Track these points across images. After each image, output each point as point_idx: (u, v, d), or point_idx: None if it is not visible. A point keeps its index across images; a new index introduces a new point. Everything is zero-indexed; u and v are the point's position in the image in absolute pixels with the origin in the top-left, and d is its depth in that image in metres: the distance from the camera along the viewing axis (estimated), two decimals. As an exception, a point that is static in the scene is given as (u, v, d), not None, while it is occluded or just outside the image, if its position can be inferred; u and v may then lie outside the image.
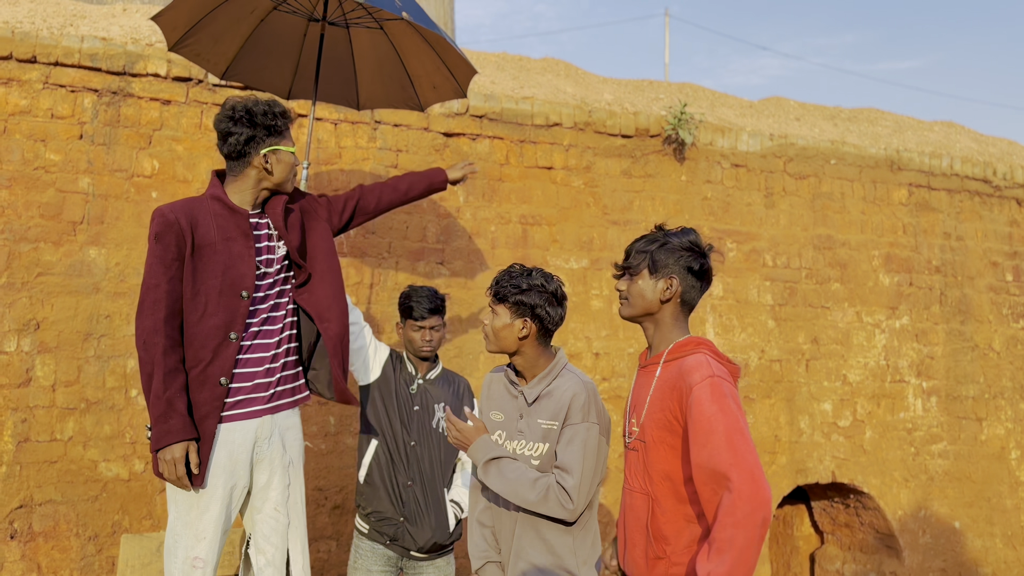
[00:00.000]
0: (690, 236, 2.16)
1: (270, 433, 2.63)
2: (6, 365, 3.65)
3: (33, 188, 3.76)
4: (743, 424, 1.91)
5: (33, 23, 3.98)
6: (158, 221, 2.51)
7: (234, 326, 2.53)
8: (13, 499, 3.62)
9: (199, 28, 3.15)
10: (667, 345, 2.14)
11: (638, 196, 4.97)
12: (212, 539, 2.51)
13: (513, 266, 2.51)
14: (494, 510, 2.53)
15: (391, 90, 3.61)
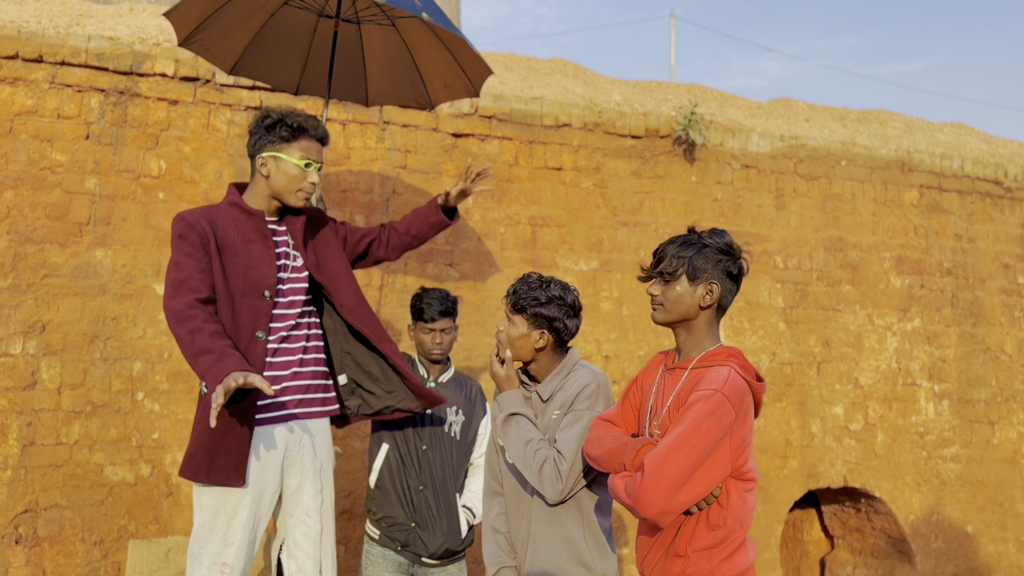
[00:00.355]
0: (725, 239, 2.11)
1: (300, 437, 2.60)
2: (11, 367, 3.61)
3: (39, 189, 3.72)
4: (700, 442, 1.90)
5: (39, 22, 3.94)
6: (180, 224, 2.51)
7: (259, 325, 2.53)
8: (18, 503, 3.57)
9: (209, 23, 3.12)
10: (698, 351, 2.10)
11: (648, 197, 4.93)
12: (240, 544, 2.46)
13: (530, 275, 2.49)
14: (509, 513, 2.49)
15: (401, 87, 3.57)
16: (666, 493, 1.88)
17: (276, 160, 2.58)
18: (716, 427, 1.91)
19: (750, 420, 2.02)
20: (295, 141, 2.59)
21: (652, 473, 1.89)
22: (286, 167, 2.58)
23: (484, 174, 3.10)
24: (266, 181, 2.60)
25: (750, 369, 2.06)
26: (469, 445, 3.23)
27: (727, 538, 1.99)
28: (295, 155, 2.58)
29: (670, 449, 1.90)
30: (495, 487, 2.61)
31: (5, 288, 3.62)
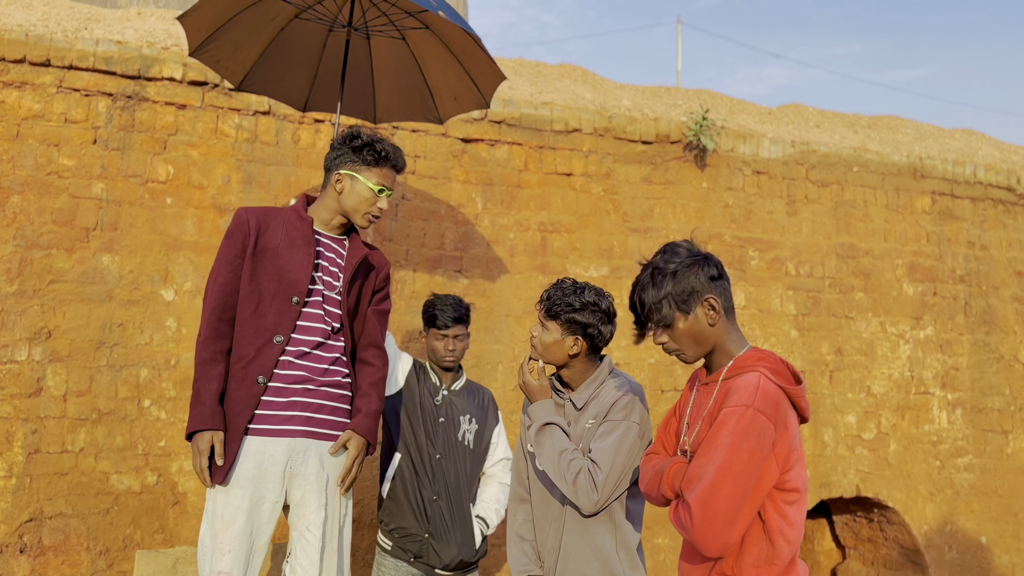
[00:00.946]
0: (682, 248, 1.99)
1: (304, 449, 2.57)
2: (17, 374, 3.57)
3: (46, 193, 3.68)
4: (743, 468, 1.79)
5: (47, 26, 3.91)
6: (233, 220, 2.64)
7: (281, 330, 2.56)
8: (23, 512, 3.53)
9: (220, 33, 3.09)
10: (727, 360, 1.99)
11: (659, 203, 4.88)
12: (237, 553, 2.44)
13: (564, 281, 2.47)
14: (537, 522, 2.46)
15: (409, 103, 3.55)
16: (724, 531, 1.78)
17: (352, 179, 2.65)
18: (757, 447, 1.80)
19: (792, 427, 1.88)
20: (376, 167, 2.66)
21: (702, 514, 1.78)
22: (360, 188, 2.65)
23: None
24: (338, 196, 2.67)
25: (783, 372, 1.92)
26: (482, 454, 3.18)
27: (772, 556, 1.87)
28: (372, 179, 2.66)
29: (715, 483, 1.79)
30: (522, 494, 2.57)
31: (11, 294, 3.59)
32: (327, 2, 3.15)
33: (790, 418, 1.89)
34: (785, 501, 1.87)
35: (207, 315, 2.54)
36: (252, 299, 2.56)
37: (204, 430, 2.44)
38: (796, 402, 1.93)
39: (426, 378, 3.14)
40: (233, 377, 2.52)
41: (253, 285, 2.57)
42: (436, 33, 3.17)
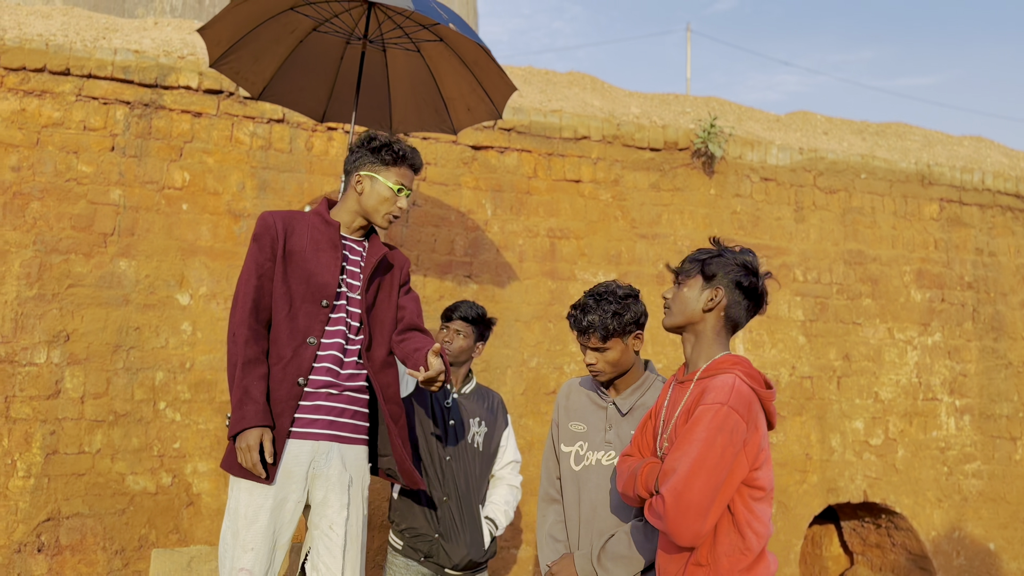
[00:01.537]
0: (747, 256, 2.15)
1: (327, 451, 2.62)
2: (36, 376, 3.65)
3: (65, 200, 3.76)
4: (716, 462, 1.90)
5: (67, 36, 4.00)
6: (259, 224, 2.67)
7: (312, 331, 2.61)
8: (41, 512, 3.60)
9: (240, 45, 3.16)
10: (704, 362, 2.12)
11: (666, 210, 4.93)
12: (259, 551, 2.48)
13: (587, 301, 2.49)
14: (570, 523, 2.52)
15: (425, 114, 3.62)
16: (696, 521, 1.89)
17: (372, 180, 2.70)
18: (730, 443, 1.91)
19: (762, 427, 2.01)
20: (394, 167, 2.71)
21: (676, 504, 1.89)
22: (380, 188, 2.69)
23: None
24: (358, 197, 2.72)
25: (757, 376, 2.05)
26: (491, 456, 3.23)
27: (743, 547, 1.98)
28: (391, 179, 2.70)
29: (689, 475, 1.89)
30: (552, 494, 2.62)
31: (31, 298, 3.66)
32: (344, 16, 3.22)
33: (760, 420, 2.01)
34: (753, 497, 2.00)
35: (244, 316, 2.56)
36: (285, 301, 2.61)
37: (255, 427, 2.46)
38: (766, 406, 2.05)
39: (434, 378, 3.20)
40: (273, 378, 2.56)
41: (284, 288, 2.62)
42: (450, 45, 3.24)
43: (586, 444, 2.51)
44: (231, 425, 2.50)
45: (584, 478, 2.51)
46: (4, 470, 3.57)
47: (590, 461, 2.49)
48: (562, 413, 2.63)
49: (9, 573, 3.53)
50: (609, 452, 2.47)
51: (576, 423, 2.57)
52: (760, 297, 2.14)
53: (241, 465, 2.49)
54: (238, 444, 2.47)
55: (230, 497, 2.59)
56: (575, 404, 2.60)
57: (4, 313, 3.63)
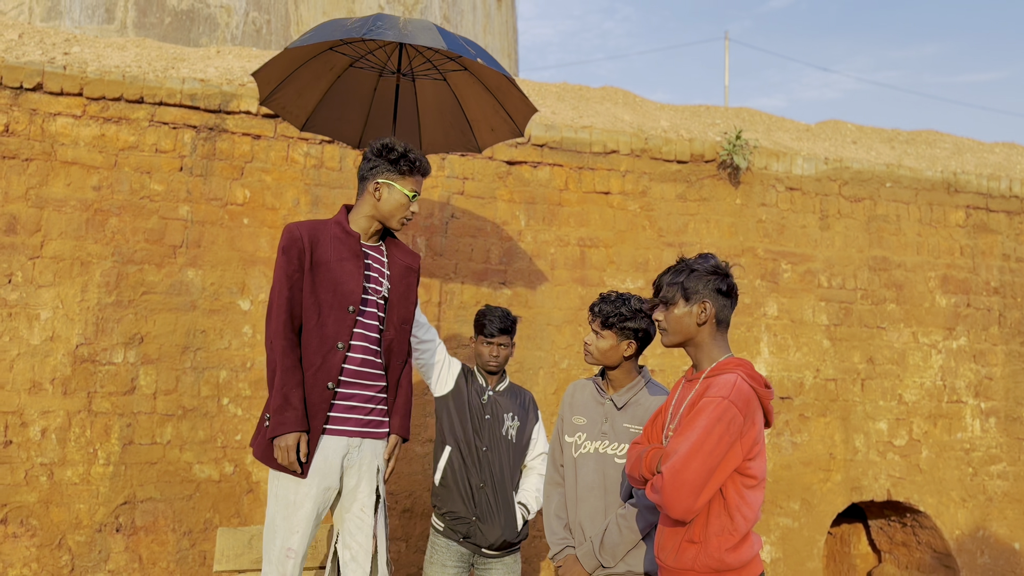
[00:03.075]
0: (711, 261, 2.37)
1: (360, 443, 2.91)
2: (114, 375, 4.06)
3: (139, 215, 4.18)
4: (712, 448, 2.14)
5: (140, 67, 4.43)
6: (286, 236, 2.83)
7: (341, 337, 2.83)
8: (119, 496, 4.01)
9: (286, 83, 3.50)
10: (710, 363, 2.36)
11: (693, 219, 5.17)
12: (304, 533, 2.79)
13: (610, 294, 2.88)
14: (570, 503, 2.89)
15: (451, 135, 3.92)
16: (689, 497, 2.14)
17: (389, 188, 2.91)
18: (727, 432, 2.16)
19: (759, 423, 2.25)
20: (410, 176, 2.94)
21: (672, 480, 2.15)
22: (397, 196, 2.92)
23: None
24: (376, 204, 2.92)
25: (757, 377, 2.30)
26: (523, 447, 3.53)
27: (731, 528, 2.23)
28: (407, 187, 2.92)
29: (687, 457, 2.15)
30: (556, 478, 2.98)
31: (110, 304, 4.08)
32: (378, 52, 3.55)
33: (758, 416, 2.26)
34: (745, 485, 2.24)
35: (279, 327, 2.75)
36: (314, 310, 2.79)
37: (293, 432, 2.73)
38: (764, 405, 2.30)
39: (474, 380, 3.51)
40: (306, 383, 2.80)
41: (313, 298, 2.79)
42: (474, 73, 3.55)
43: (584, 435, 2.89)
44: (271, 427, 2.72)
45: (581, 463, 2.87)
46: (87, 458, 3.99)
47: (587, 449, 2.86)
48: (567, 408, 3.00)
49: (91, 550, 3.95)
50: (604, 442, 2.84)
51: (578, 416, 2.93)
52: (736, 291, 2.38)
53: (277, 460, 2.76)
54: (277, 444, 2.71)
55: (273, 484, 2.86)
56: (579, 400, 2.97)
57: (87, 318, 4.05)
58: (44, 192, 4.05)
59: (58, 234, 4.05)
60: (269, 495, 2.87)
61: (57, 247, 4.04)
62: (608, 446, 2.83)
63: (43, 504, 3.90)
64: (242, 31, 5.99)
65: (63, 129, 4.11)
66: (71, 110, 4.13)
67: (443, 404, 3.45)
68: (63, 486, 3.94)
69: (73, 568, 3.92)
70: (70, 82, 4.12)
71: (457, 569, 3.37)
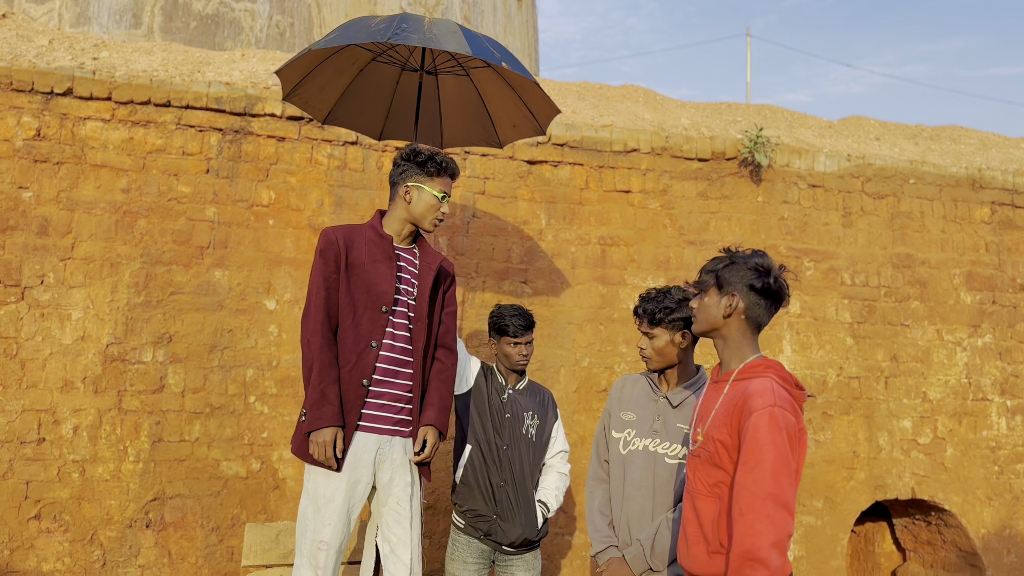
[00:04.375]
0: (756, 258, 2.28)
1: (391, 439, 2.97)
2: (143, 373, 4.14)
3: (167, 217, 4.26)
4: (789, 458, 2.07)
5: (167, 70, 4.51)
6: (323, 240, 2.94)
7: (375, 336, 2.92)
8: (148, 492, 4.10)
9: (309, 79, 3.55)
10: (737, 363, 2.25)
11: (714, 217, 5.17)
12: (336, 526, 2.84)
13: (650, 292, 2.85)
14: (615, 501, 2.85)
15: (473, 130, 3.95)
16: (791, 510, 2.05)
17: (419, 190, 2.99)
18: (787, 433, 2.09)
19: (800, 420, 2.18)
20: (438, 177, 3.01)
21: (777, 505, 2.03)
22: (427, 197, 2.99)
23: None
24: (407, 207, 3.01)
25: (789, 378, 2.22)
26: (543, 446, 3.56)
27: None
28: (436, 188, 3.00)
29: (772, 476, 2.04)
30: (601, 474, 2.96)
31: (139, 304, 4.17)
32: (401, 48, 3.59)
33: (800, 418, 2.18)
34: None
35: (317, 325, 2.85)
36: (349, 310, 2.90)
37: (329, 427, 2.78)
38: (798, 406, 2.22)
39: (494, 379, 3.54)
40: (341, 380, 2.89)
41: (348, 298, 2.90)
42: (497, 71, 3.57)
43: (634, 431, 2.83)
44: (308, 422, 2.80)
45: (629, 461, 2.83)
46: (117, 455, 4.08)
47: (636, 447, 2.81)
48: (615, 403, 2.95)
49: (122, 545, 4.04)
50: (655, 440, 2.78)
51: (627, 412, 2.89)
52: (779, 294, 2.26)
53: (313, 455, 2.82)
54: (314, 439, 2.78)
55: (307, 479, 2.93)
56: (628, 396, 2.93)
57: (116, 318, 4.14)
58: (75, 195, 4.14)
59: (88, 236, 4.14)
60: (303, 491, 2.94)
61: (87, 248, 4.13)
62: (659, 445, 2.78)
63: (75, 500, 3.99)
64: (266, 34, 6.07)
65: (92, 133, 4.20)
66: (100, 114, 4.21)
67: (463, 403, 3.49)
68: (94, 483, 4.03)
69: (105, 563, 4.01)
70: (99, 87, 4.20)
71: (478, 566, 3.41)
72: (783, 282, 2.27)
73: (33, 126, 4.11)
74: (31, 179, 4.09)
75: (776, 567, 2.01)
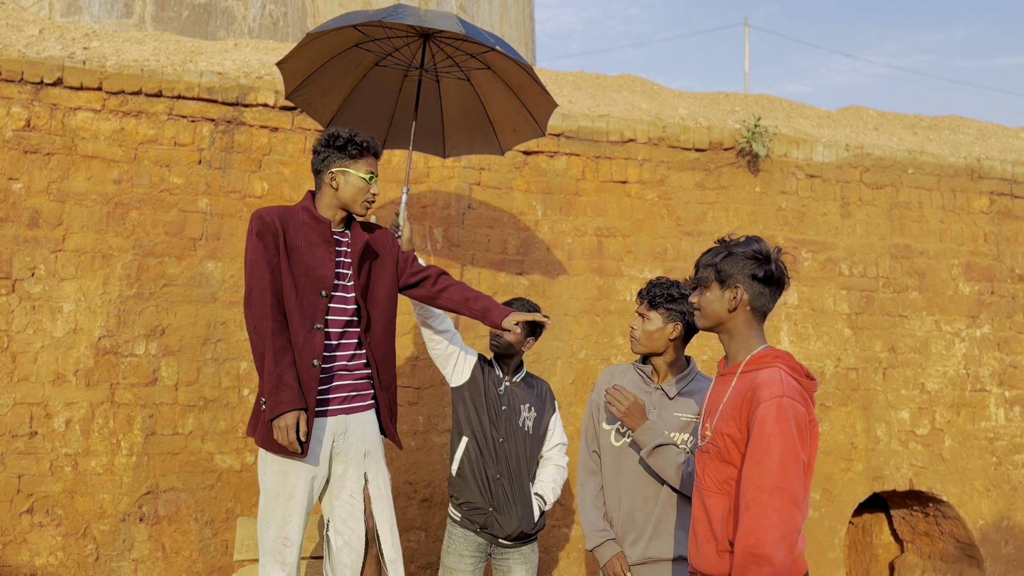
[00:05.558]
0: (753, 245, 2.22)
1: (345, 429, 2.92)
2: (136, 366, 4.11)
3: (159, 208, 4.21)
4: (798, 451, 2.00)
5: (158, 60, 4.45)
6: (258, 222, 2.84)
7: (317, 319, 2.85)
8: (142, 486, 4.06)
9: (312, 79, 3.50)
10: (744, 355, 2.20)
11: (711, 208, 5.14)
12: (297, 521, 2.83)
13: (660, 278, 2.85)
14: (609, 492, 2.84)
15: (475, 138, 3.92)
16: (803, 502, 1.99)
17: (345, 175, 2.92)
18: (796, 423, 2.02)
19: (811, 411, 2.11)
20: (361, 159, 2.94)
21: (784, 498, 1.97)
22: (354, 180, 2.93)
23: (543, 324, 3.24)
24: (335, 193, 2.93)
25: (798, 368, 2.16)
26: (540, 439, 3.53)
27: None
28: (361, 170, 2.93)
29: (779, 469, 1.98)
30: (592, 466, 2.94)
31: (131, 296, 4.13)
32: (404, 50, 3.55)
33: (810, 409, 2.12)
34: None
35: (266, 309, 2.74)
36: (292, 291, 2.80)
37: (292, 410, 2.71)
38: (809, 395, 2.15)
39: (491, 371, 3.51)
40: (295, 363, 2.79)
41: (291, 279, 2.81)
42: (496, 72, 3.54)
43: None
44: (268, 409, 2.71)
45: (624, 453, 2.82)
46: (110, 449, 4.04)
47: (632, 439, 2.80)
48: (603, 394, 2.93)
49: (115, 539, 4.01)
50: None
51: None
52: (780, 280, 2.21)
53: (277, 442, 2.74)
54: (276, 425, 2.69)
55: (264, 475, 2.86)
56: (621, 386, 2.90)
57: (108, 310, 4.10)
58: (65, 186, 4.09)
59: (79, 227, 4.09)
60: (261, 489, 2.89)
61: (79, 240, 4.09)
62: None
63: (68, 494, 3.96)
64: (259, 24, 6.01)
65: (83, 123, 4.15)
66: (91, 104, 4.16)
67: (460, 395, 3.46)
68: (87, 476, 3.99)
69: (98, 557, 3.98)
70: (90, 77, 4.15)
71: (475, 559, 3.38)
72: (783, 266, 2.23)
73: (23, 116, 4.06)
74: (21, 170, 4.04)
75: (781, 563, 1.96)
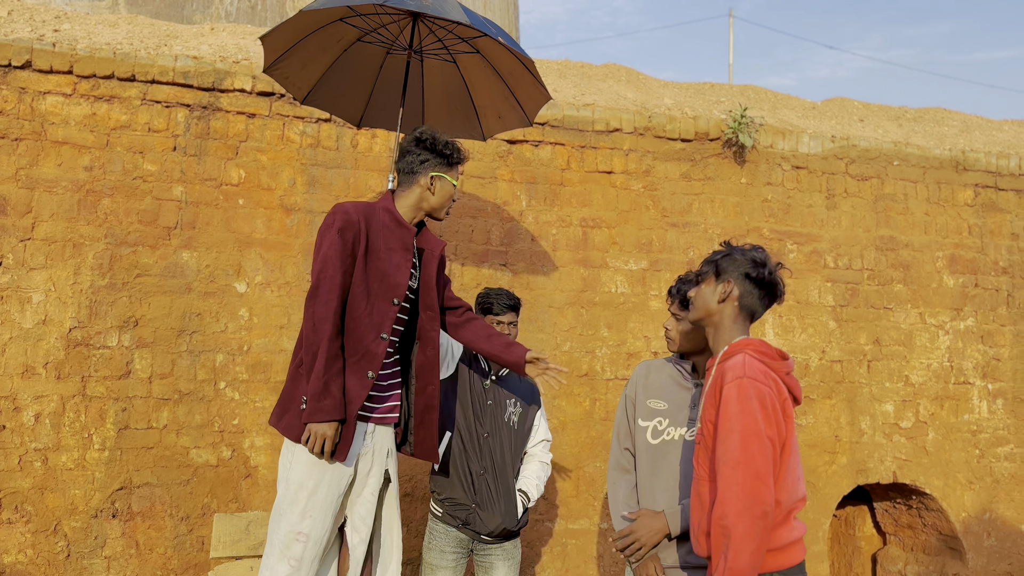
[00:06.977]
0: (755, 252, 2.36)
1: (375, 428, 2.88)
2: (108, 359, 3.99)
3: (132, 196, 4.09)
4: (760, 427, 2.07)
5: (132, 44, 4.32)
6: (342, 217, 2.71)
7: (384, 328, 2.78)
8: (115, 481, 3.96)
9: (291, 53, 3.39)
10: (723, 347, 2.32)
11: (697, 199, 5.08)
12: (316, 518, 2.72)
13: (688, 274, 2.78)
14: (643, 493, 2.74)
15: (456, 121, 3.81)
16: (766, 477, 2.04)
17: (442, 181, 2.88)
18: (762, 406, 2.10)
19: (783, 390, 2.20)
20: (456, 166, 2.93)
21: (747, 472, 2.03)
22: (448, 188, 2.89)
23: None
24: (429, 198, 2.88)
25: (770, 352, 2.26)
26: (525, 434, 3.46)
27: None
28: (455, 177, 2.92)
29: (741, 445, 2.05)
30: (624, 464, 2.84)
31: (103, 286, 4.01)
32: (391, 26, 3.44)
33: (780, 388, 2.19)
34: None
35: (329, 312, 2.64)
36: (363, 297, 2.73)
37: (330, 421, 2.63)
38: (786, 381, 2.22)
39: (476, 364, 3.44)
40: (348, 369, 2.73)
41: (363, 286, 2.73)
42: (486, 57, 3.44)
43: (666, 420, 2.73)
44: (308, 412, 2.64)
45: (663, 451, 2.72)
46: (82, 443, 3.93)
47: (671, 436, 2.71)
48: (639, 390, 2.83)
49: (88, 536, 3.90)
50: (693, 429, 2.68)
51: (655, 400, 2.77)
52: (773, 287, 2.34)
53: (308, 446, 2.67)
54: (312, 430, 2.64)
55: (288, 465, 2.77)
56: (655, 383, 2.81)
57: (80, 301, 3.98)
58: (35, 173, 3.96)
59: (49, 215, 3.96)
60: (280, 480, 2.80)
61: (49, 229, 3.96)
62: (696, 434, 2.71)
63: (38, 490, 3.85)
64: (236, 8, 5.87)
65: (53, 108, 4.01)
66: (61, 88, 4.03)
67: (444, 389, 3.38)
68: (58, 472, 3.88)
69: (69, 554, 3.87)
70: (60, 59, 4.02)
71: (456, 554, 3.32)
72: (778, 277, 2.35)
73: (-11, 100, 3.92)
74: (-13, 156, 3.90)
75: (744, 534, 2.01)
